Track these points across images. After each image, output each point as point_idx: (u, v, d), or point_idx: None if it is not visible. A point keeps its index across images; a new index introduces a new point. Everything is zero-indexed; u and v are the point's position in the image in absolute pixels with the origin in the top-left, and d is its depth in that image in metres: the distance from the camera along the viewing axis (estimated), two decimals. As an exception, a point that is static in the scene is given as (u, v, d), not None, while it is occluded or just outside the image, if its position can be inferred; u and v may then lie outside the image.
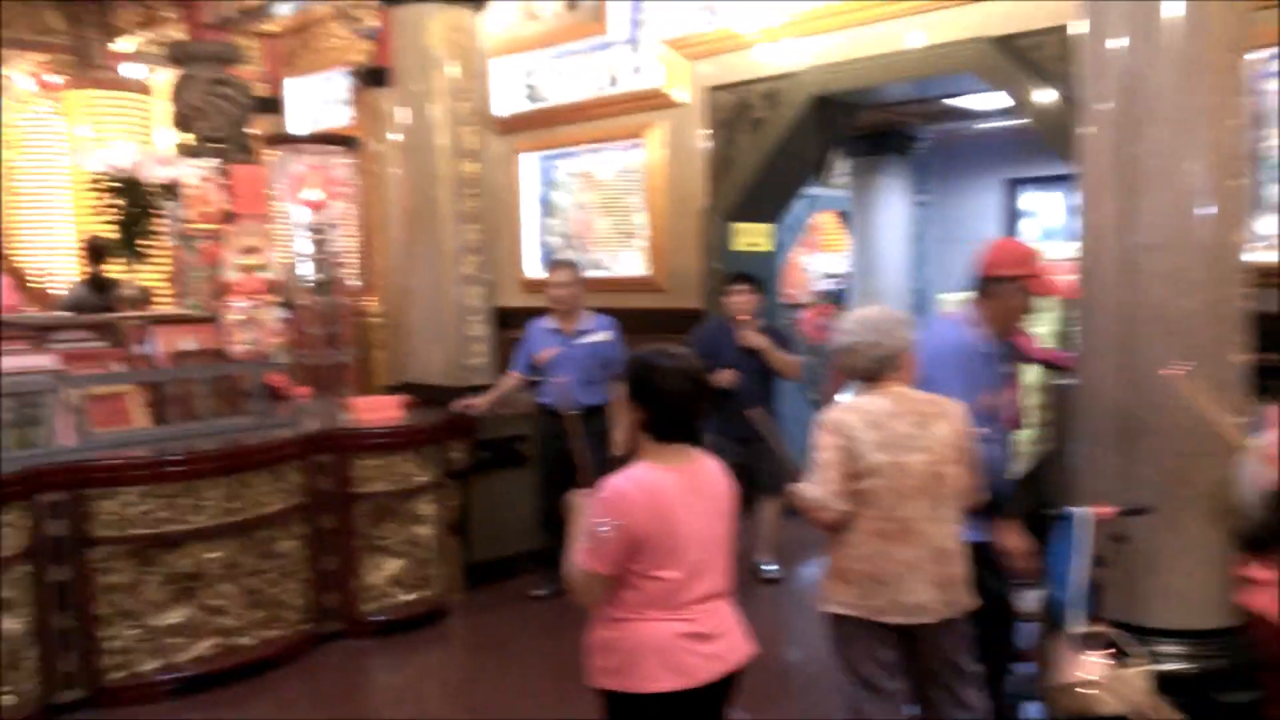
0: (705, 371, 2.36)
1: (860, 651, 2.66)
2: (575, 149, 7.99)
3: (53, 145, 8.70)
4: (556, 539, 5.05)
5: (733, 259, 6.82)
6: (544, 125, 8.02)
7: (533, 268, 8.30)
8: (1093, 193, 3.29)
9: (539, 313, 5.22)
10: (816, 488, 2.61)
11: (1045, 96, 4.62)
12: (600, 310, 5.27)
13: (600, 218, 7.94)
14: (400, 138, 5.79)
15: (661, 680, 2.17)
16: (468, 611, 4.80)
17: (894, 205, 8.94)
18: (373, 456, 4.45)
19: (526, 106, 7.90)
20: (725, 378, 4.83)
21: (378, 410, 4.67)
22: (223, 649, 3.99)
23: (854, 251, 9.16)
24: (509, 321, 6.43)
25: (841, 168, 9.22)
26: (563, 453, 4.97)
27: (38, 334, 4.22)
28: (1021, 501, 3.15)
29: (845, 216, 9.48)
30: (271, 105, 9.18)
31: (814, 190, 8.34)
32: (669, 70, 6.89)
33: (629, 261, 7.41)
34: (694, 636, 2.21)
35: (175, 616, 3.88)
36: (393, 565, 4.54)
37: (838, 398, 3.00)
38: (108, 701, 3.73)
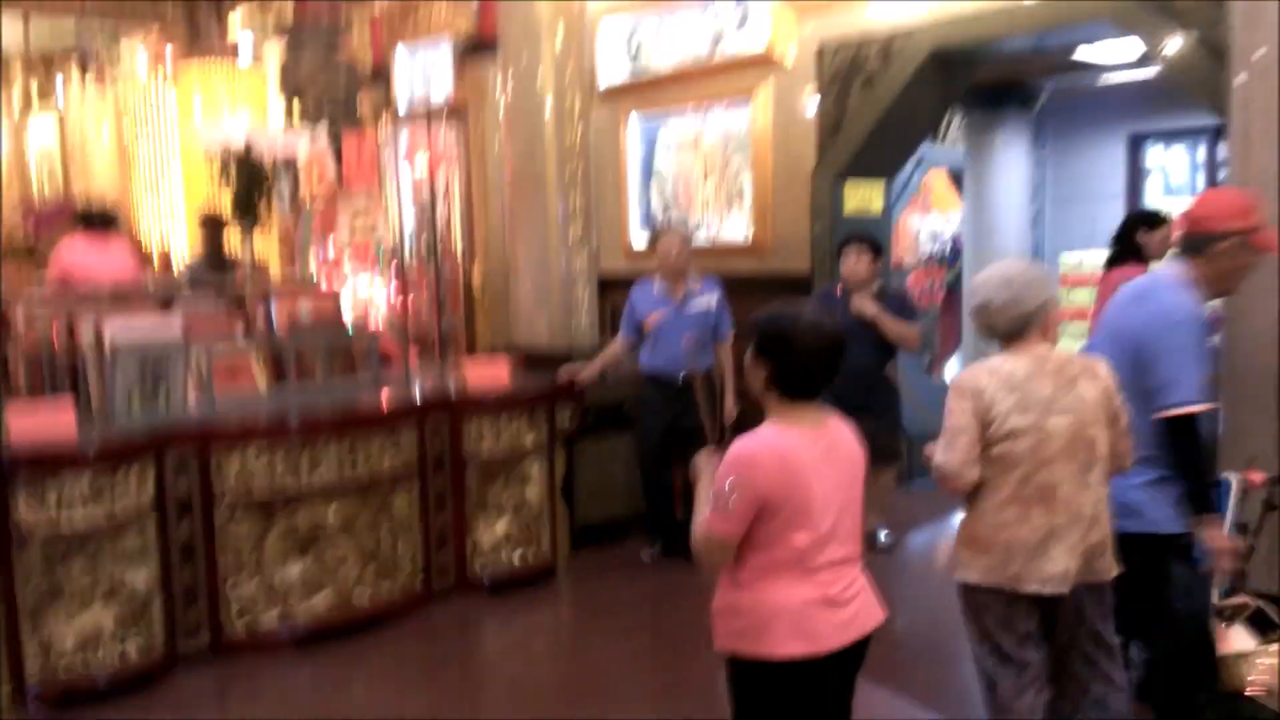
0: (840, 328, 2.25)
1: (995, 622, 2.53)
2: (680, 112, 7.86)
3: (168, 120, 9.01)
4: (659, 505, 5.09)
5: (843, 221, 6.63)
6: (647, 89, 7.90)
7: (636, 234, 8.23)
8: (1244, 145, 3.05)
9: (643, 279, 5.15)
10: (947, 454, 2.49)
11: (1179, 45, 4.31)
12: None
13: (704, 182, 7.81)
14: (506, 105, 5.79)
15: (790, 645, 2.11)
16: (575, 573, 4.81)
17: (1011, 163, 8.57)
18: (483, 419, 4.48)
19: (630, 70, 7.80)
20: None
21: (487, 374, 4.68)
22: (339, 604, 4.07)
23: (968, 212, 8.82)
24: (612, 288, 6.40)
25: (956, 125, 8.89)
26: (667, 419, 4.98)
27: (165, 300, 4.35)
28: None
29: (957, 176, 9.14)
30: (379, 76, 9.31)
31: (924, 149, 8.05)
32: (777, 28, 6.70)
33: (734, 226, 7.28)
34: (824, 602, 2.14)
35: (294, 571, 3.97)
36: (502, 526, 4.57)
37: (950, 363, 2.85)
38: (229, 651, 3.85)
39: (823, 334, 2.17)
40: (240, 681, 3.73)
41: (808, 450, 2.12)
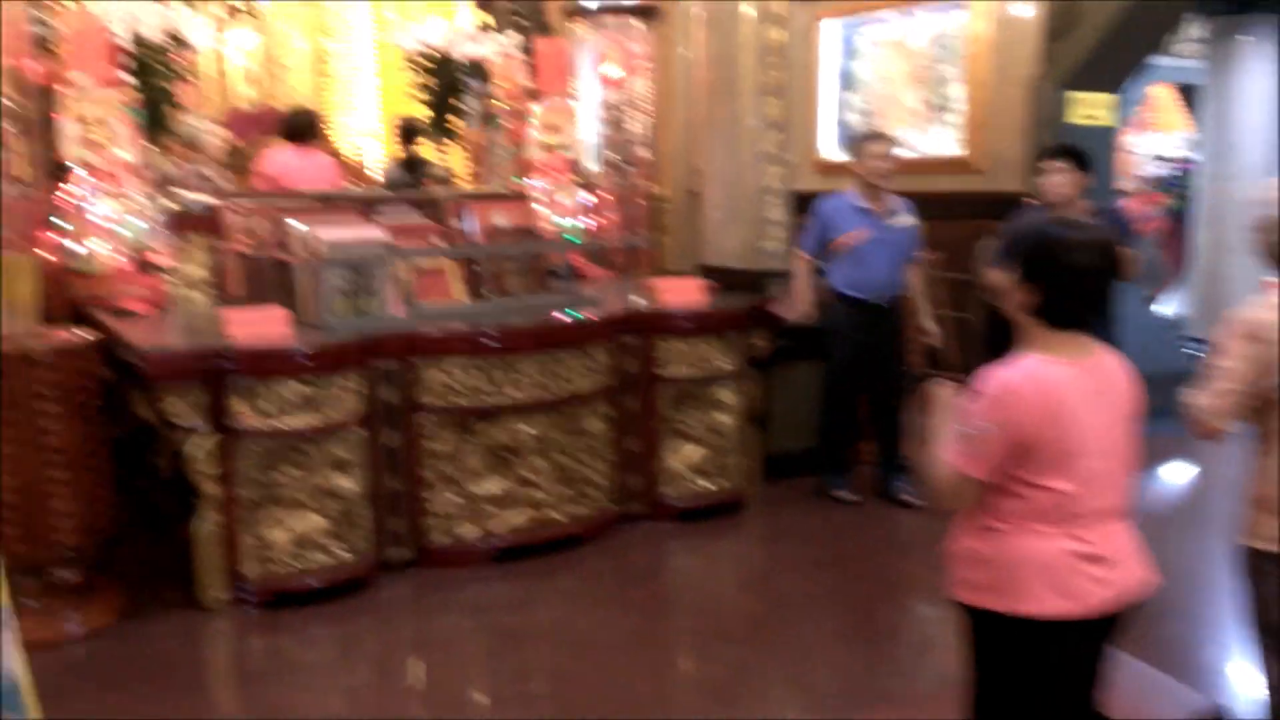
0: (1116, 247, 1.97)
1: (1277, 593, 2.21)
2: (884, 14, 7.32)
3: (363, 29, 9.08)
4: (841, 438, 4.83)
5: (1067, 134, 6.05)
6: (847, -12, 7.38)
7: (829, 148, 7.81)
8: None
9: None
10: (1212, 398, 2.15)
11: None
12: (905, 194, 4.80)
13: (907, 91, 7.30)
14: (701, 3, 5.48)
15: (1047, 602, 1.89)
16: (765, 504, 4.65)
17: (1258, 75, 7.61)
18: (677, 340, 4.32)
19: (830, -32, 7.28)
20: None
21: (681, 293, 4.51)
22: (535, 521, 4.06)
23: (1205, 131, 7.94)
24: (801, 207, 6.07)
25: (1188, 33, 7.96)
26: (863, 346, 4.69)
27: (366, 209, 4.35)
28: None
29: (1185, 91, 8.23)
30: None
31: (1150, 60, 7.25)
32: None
33: (939, 139, 6.78)
34: (1086, 558, 1.90)
35: (493, 486, 3.97)
36: (693, 451, 4.44)
37: (1164, 297, 2.45)
38: (431, 562, 3.89)
39: (1100, 254, 1.91)
40: (439, 591, 3.77)
41: (1075, 385, 1.88)
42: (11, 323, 3.17)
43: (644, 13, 5.87)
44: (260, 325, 3.58)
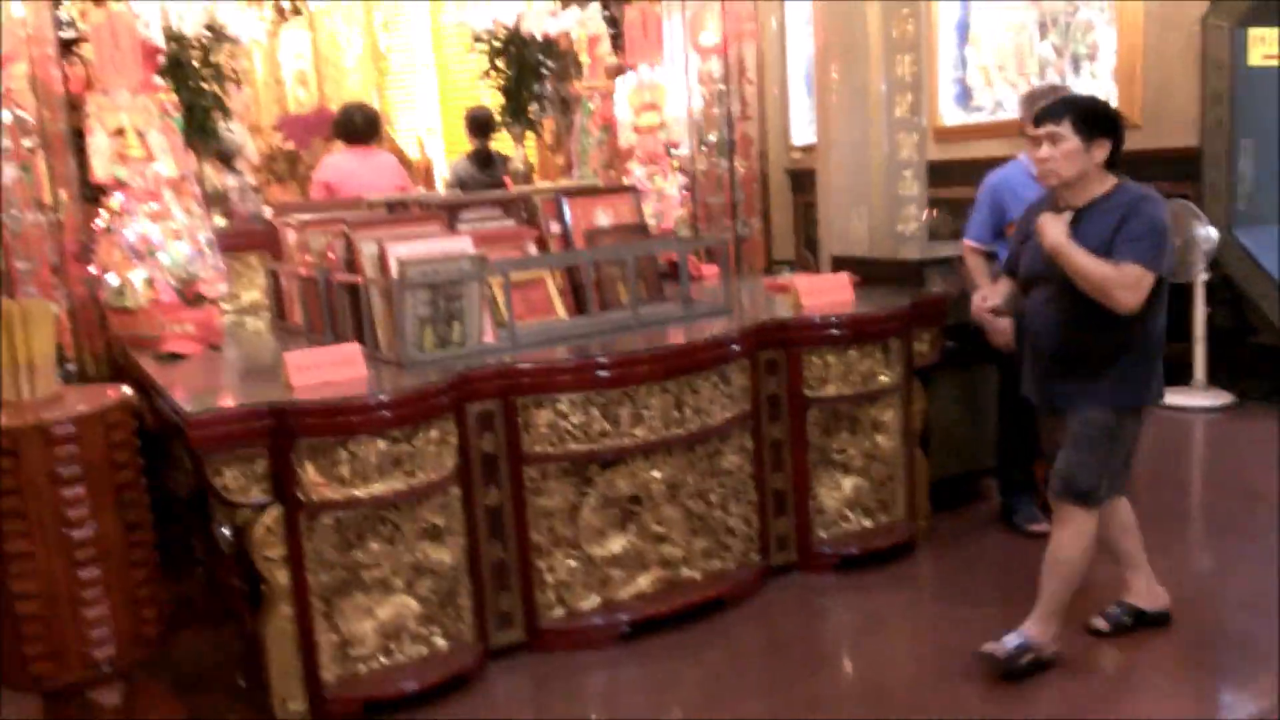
0: None
1: None
2: (1009, -45, 6.43)
3: (417, 15, 8.47)
4: (1020, 456, 4.02)
5: (1246, 78, 5.14)
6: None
7: (949, 109, 6.95)
8: None
9: (963, 167, 3.98)
10: None
11: None
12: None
13: (1040, 40, 6.41)
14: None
15: None
16: (939, 542, 3.84)
17: None
18: (826, 352, 3.54)
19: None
20: None
21: (825, 294, 3.73)
22: (666, 584, 3.33)
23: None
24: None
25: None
26: None
27: (444, 215, 3.65)
28: None
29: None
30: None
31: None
32: None
33: (1084, 92, 5.88)
34: None
35: (615, 545, 3.25)
36: (850, 484, 3.67)
37: None
38: (547, 645, 3.17)
39: None
40: (559, 680, 3.06)
41: None
42: (26, 386, 2.53)
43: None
44: (329, 369, 2.90)
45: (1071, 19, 5.89)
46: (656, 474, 3.26)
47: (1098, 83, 5.79)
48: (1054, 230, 2.70)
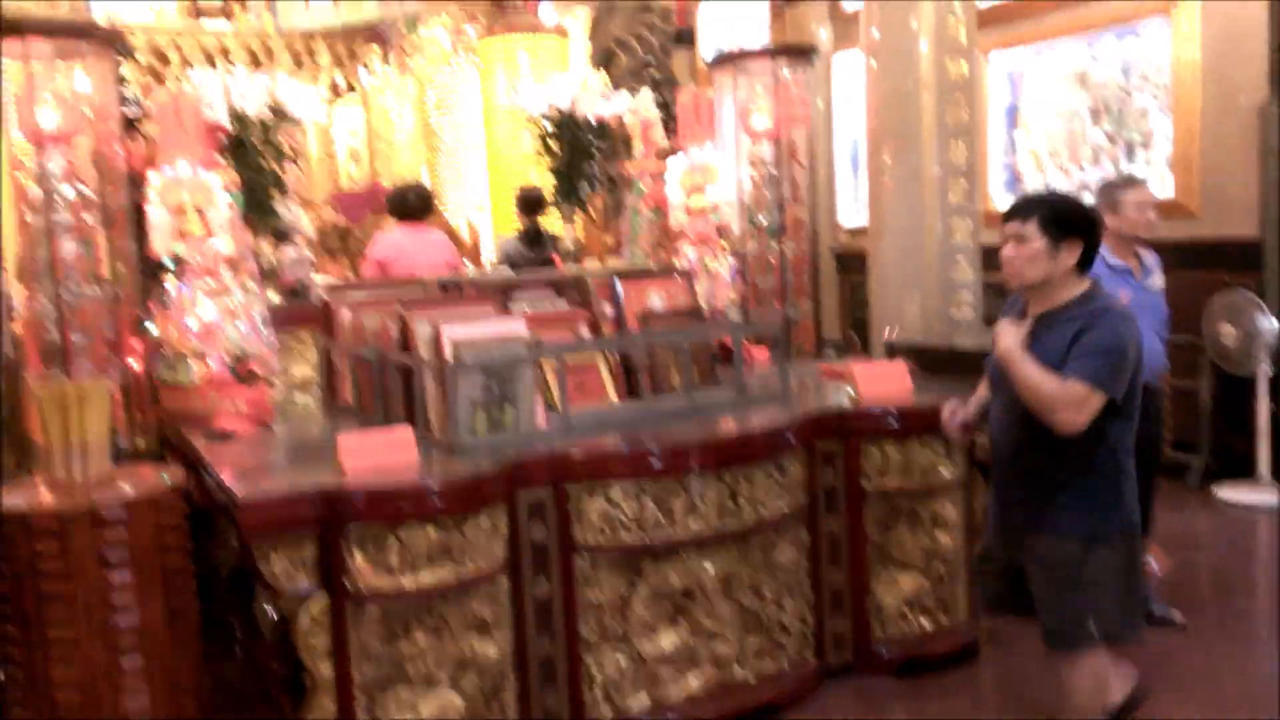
0: None
1: None
2: (1061, 42, 6.47)
3: (471, 98, 8.63)
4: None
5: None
6: (1016, 17, 6.57)
7: (998, 194, 6.92)
8: None
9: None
10: None
11: None
12: None
13: (1092, 127, 6.38)
14: (870, 42, 4.69)
15: None
16: (1001, 647, 3.67)
17: None
18: (887, 444, 3.44)
19: (989, -3, 6.46)
20: None
21: (882, 382, 3.65)
22: (717, 685, 3.20)
23: None
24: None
25: None
26: (1144, 436, 3.76)
27: (497, 295, 3.63)
28: None
29: None
30: (685, 37, 8.48)
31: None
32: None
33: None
34: None
35: (666, 642, 3.13)
36: (909, 583, 3.53)
37: None
38: (594, 744, 3.05)
39: None
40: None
41: None
42: (78, 466, 2.50)
43: (794, 54, 5.13)
44: (381, 454, 2.85)
45: (1125, 105, 5.86)
46: (709, 567, 3.16)
47: (1153, 170, 5.73)
48: (1006, 337, 2.51)
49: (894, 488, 3.48)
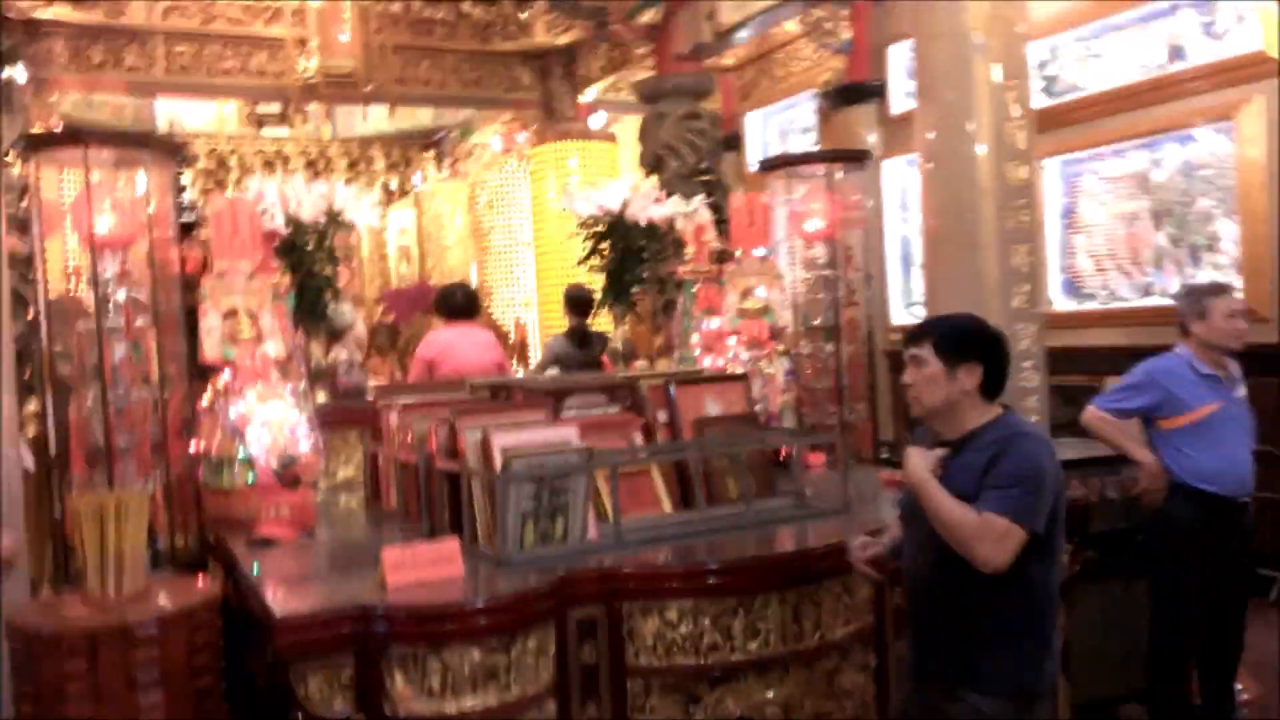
0: None
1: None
2: (1118, 147, 6.40)
3: (521, 203, 8.76)
4: (1181, 688, 3.63)
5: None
6: (1070, 122, 6.53)
7: (1056, 297, 6.79)
8: None
9: (1073, 355, 3.79)
10: None
11: None
12: (1159, 349, 3.87)
13: (1153, 231, 6.26)
14: (926, 146, 4.63)
15: None
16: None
17: None
18: (957, 560, 3.24)
19: (1045, 101, 6.46)
20: None
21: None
22: (780, 823, 2.96)
23: None
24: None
25: None
26: (1219, 558, 3.55)
27: (548, 400, 3.54)
28: None
29: None
30: (731, 143, 8.57)
31: None
32: (1270, 26, 5.16)
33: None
34: None
35: (726, 774, 2.91)
36: (984, 710, 3.28)
37: None
38: None
39: None
40: None
41: None
42: (112, 580, 2.40)
43: (849, 158, 5.10)
44: (427, 568, 2.72)
45: (1189, 209, 5.74)
46: (770, 694, 2.95)
47: (1221, 274, 5.57)
48: (916, 464, 2.35)
49: (966, 608, 3.26)
